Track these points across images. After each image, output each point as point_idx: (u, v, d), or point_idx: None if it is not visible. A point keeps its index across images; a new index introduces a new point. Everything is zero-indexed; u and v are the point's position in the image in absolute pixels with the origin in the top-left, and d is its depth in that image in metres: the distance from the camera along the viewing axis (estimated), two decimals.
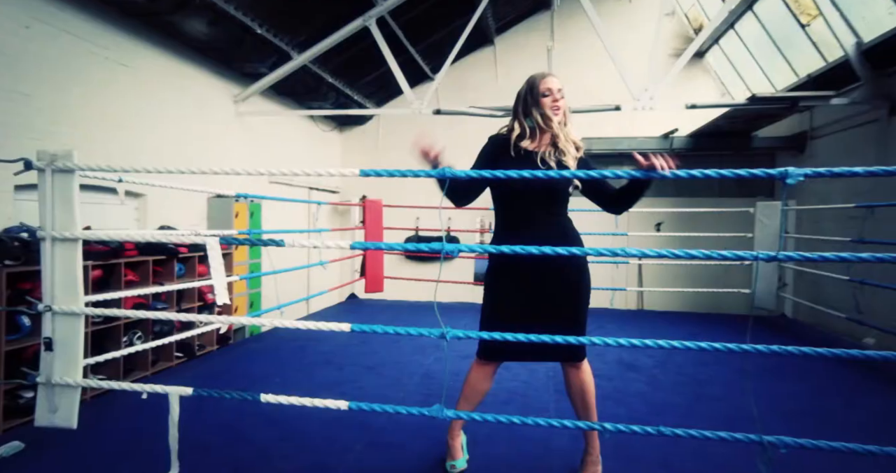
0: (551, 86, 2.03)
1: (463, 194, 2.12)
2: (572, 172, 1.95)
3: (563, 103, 2.04)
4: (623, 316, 6.05)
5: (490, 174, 1.90)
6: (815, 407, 3.10)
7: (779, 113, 5.68)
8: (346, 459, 2.31)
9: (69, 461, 2.24)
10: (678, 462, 2.34)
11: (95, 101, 4.18)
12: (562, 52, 7.89)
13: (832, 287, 5.35)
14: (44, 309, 2.14)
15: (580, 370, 2.14)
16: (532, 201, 2.04)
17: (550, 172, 1.87)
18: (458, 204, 2.16)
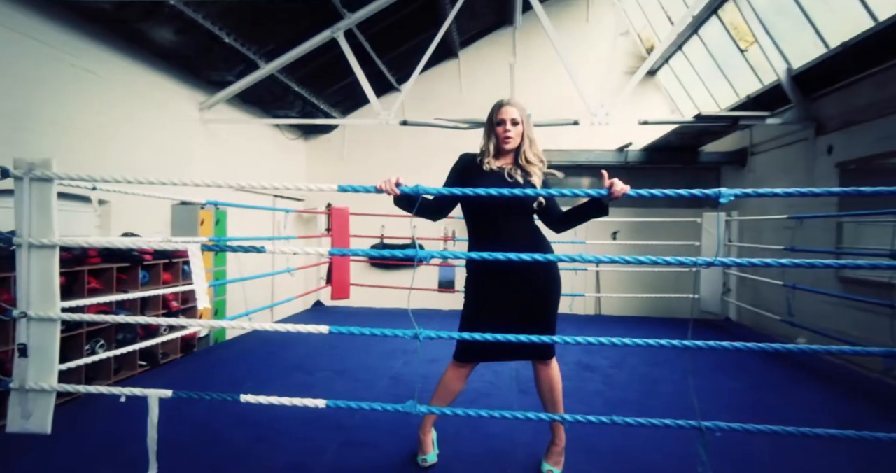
0: (504, 117, 2.22)
1: (435, 210, 2.29)
2: (536, 191, 2.16)
3: (516, 131, 2.22)
4: (582, 321, 6.31)
5: (460, 191, 2.06)
6: (753, 400, 3.39)
7: (722, 130, 6.11)
8: (322, 458, 2.40)
9: (43, 466, 2.25)
10: (632, 451, 2.54)
11: (61, 108, 4.13)
12: (524, 67, 8.20)
13: (769, 291, 5.76)
14: (19, 315, 2.16)
15: (549, 367, 2.31)
16: (502, 214, 2.21)
17: (516, 190, 2.06)
18: (433, 219, 2.33)
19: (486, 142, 2.28)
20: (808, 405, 3.33)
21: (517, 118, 2.24)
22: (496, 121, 2.24)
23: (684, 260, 2.05)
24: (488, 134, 2.28)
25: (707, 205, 7.51)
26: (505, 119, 2.23)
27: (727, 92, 6.94)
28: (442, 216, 2.34)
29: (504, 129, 2.22)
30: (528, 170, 2.25)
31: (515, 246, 2.14)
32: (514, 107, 2.26)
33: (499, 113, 2.24)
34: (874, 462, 2.49)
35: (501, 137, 2.23)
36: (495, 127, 2.24)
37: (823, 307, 5.11)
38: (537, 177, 2.23)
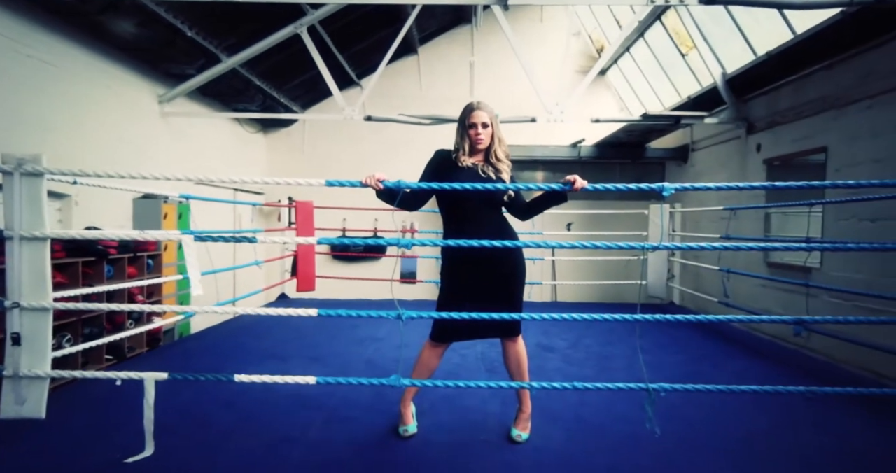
0: (475, 121, 2.46)
1: (412, 203, 2.50)
2: (505, 185, 2.40)
3: (486, 133, 2.46)
4: (539, 307, 6.67)
5: (438, 186, 2.29)
6: (692, 371, 3.79)
7: (666, 128, 6.57)
8: (308, 433, 2.59)
9: (36, 450, 2.33)
10: (588, 416, 2.85)
11: (18, 100, 4.06)
12: (483, 65, 8.46)
13: (708, 276, 6.27)
14: (11, 305, 2.23)
15: (517, 343, 2.57)
16: (475, 207, 2.45)
17: (488, 184, 2.28)
18: (410, 209, 2.55)
19: (461, 142, 2.51)
20: (736, 372, 3.77)
21: (487, 121, 2.48)
22: (468, 125, 2.47)
23: (634, 245, 2.35)
24: (462, 134, 2.51)
25: (654, 198, 8.02)
26: (476, 123, 2.46)
27: (670, 92, 7.42)
28: (419, 206, 2.57)
29: (476, 132, 2.46)
30: (497, 167, 2.50)
31: (487, 235, 2.39)
32: (484, 111, 2.50)
33: (470, 117, 2.48)
34: (779, 413, 2.90)
35: (474, 139, 2.46)
36: (468, 129, 2.47)
37: (755, 289, 5.64)
38: (506, 173, 2.49)
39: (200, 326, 5.72)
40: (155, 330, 5.19)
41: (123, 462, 2.20)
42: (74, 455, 2.29)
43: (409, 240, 2.30)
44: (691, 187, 2.36)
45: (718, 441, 2.56)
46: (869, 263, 3.97)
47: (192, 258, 2.27)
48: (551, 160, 7.75)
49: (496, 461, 2.31)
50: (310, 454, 2.35)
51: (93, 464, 2.19)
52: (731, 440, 2.58)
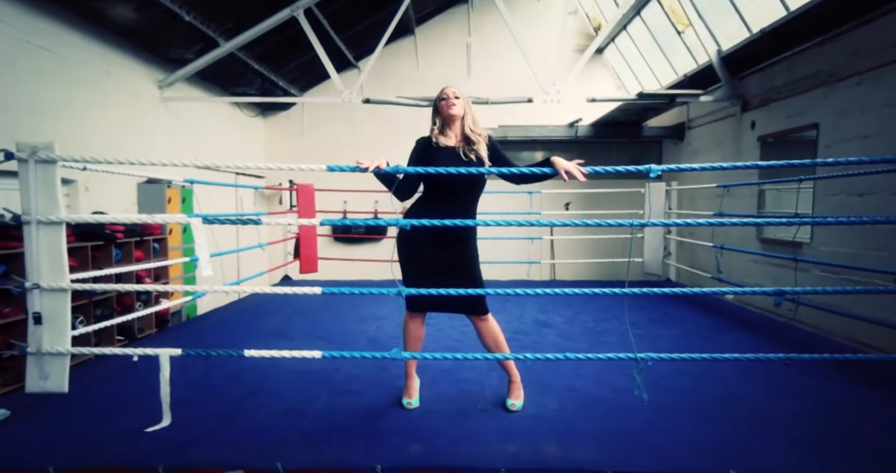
0: (447, 92, 2.59)
1: (405, 191, 2.60)
2: (488, 169, 2.50)
3: (458, 102, 2.57)
4: (537, 285, 6.80)
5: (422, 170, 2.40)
6: (683, 344, 3.93)
7: (662, 107, 6.62)
8: (315, 404, 2.73)
9: (60, 421, 2.48)
10: (581, 387, 2.99)
11: (19, 86, 4.13)
12: (480, 46, 8.46)
13: (703, 253, 6.39)
14: (31, 286, 2.36)
15: (486, 321, 2.70)
16: (452, 188, 2.56)
17: (472, 169, 2.40)
18: (402, 199, 2.65)
19: (434, 122, 2.64)
20: (726, 345, 3.90)
21: (458, 94, 2.60)
22: (440, 98, 2.60)
23: (623, 223, 2.45)
24: (435, 114, 2.65)
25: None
26: (448, 94, 2.59)
27: (667, 70, 7.44)
28: (411, 195, 2.66)
29: (448, 102, 2.57)
30: (473, 141, 2.59)
31: (447, 211, 2.49)
32: (454, 88, 2.62)
33: (441, 92, 2.62)
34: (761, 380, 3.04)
35: (446, 107, 2.56)
36: (439, 102, 2.60)
37: (747, 265, 5.77)
38: (483, 145, 2.59)
39: (207, 307, 5.87)
40: (163, 311, 5.35)
41: (144, 431, 2.35)
42: (97, 425, 2.43)
43: (407, 221, 2.41)
44: (676, 168, 2.45)
45: (702, 408, 2.70)
46: (856, 237, 4.09)
47: (202, 240, 2.38)
48: (549, 140, 7.81)
49: (493, 427, 2.45)
50: (318, 422, 2.50)
51: (115, 433, 2.33)
52: (714, 406, 2.72)
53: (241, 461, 2.12)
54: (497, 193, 7.26)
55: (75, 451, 2.18)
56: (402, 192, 2.61)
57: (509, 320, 4.69)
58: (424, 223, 2.35)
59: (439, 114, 2.62)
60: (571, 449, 2.24)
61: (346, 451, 2.20)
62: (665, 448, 2.25)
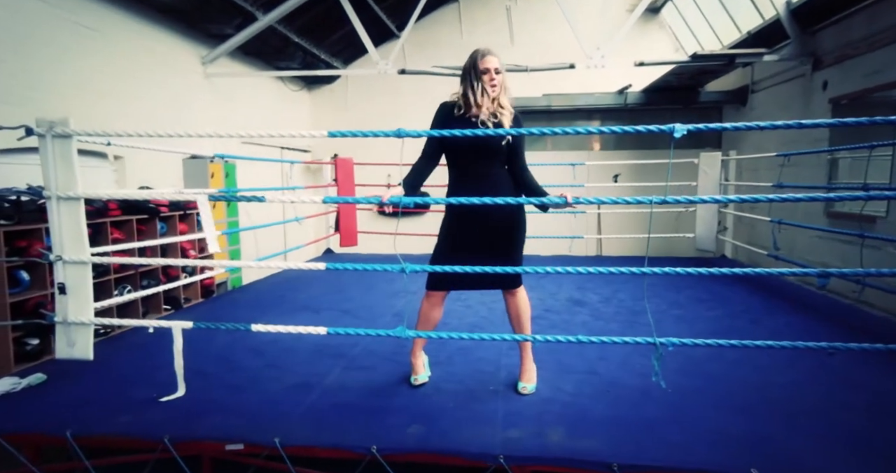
0: (489, 66, 2.37)
1: (426, 164, 2.48)
2: (506, 130, 2.33)
3: (499, 78, 2.38)
4: (579, 261, 6.55)
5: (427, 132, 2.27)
6: (727, 326, 3.66)
7: (720, 69, 6.06)
8: (326, 378, 2.74)
9: (88, 387, 2.62)
10: (603, 370, 2.84)
11: (65, 66, 4.29)
12: (524, 9, 8.06)
13: (763, 228, 5.91)
14: (55, 258, 2.46)
15: (516, 296, 2.57)
16: (471, 157, 2.42)
17: (489, 131, 2.24)
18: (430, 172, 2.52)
19: (467, 91, 2.42)
20: (775, 328, 3.59)
21: (500, 67, 2.39)
22: (481, 70, 2.38)
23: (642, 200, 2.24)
24: (471, 82, 2.41)
25: (708, 146, 7.55)
26: (490, 68, 2.38)
27: (730, 28, 6.80)
28: (435, 164, 2.53)
29: (491, 78, 2.38)
30: (497, 113, 2.42)
31: (485, 187, 2.36)
32: (496, 56, 2.41)
33: (483, 61, 2.39)
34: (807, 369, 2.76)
35: (488, 85, 2.38)
36: (481, 75, 2.38)
37: (813, 241, 5.28)
38: (507, 118, 2.41)
39: (251, 279, 6.06)
40: (208, 281, 5.56)
41: (158, 400, 2.43)
42: (119, 393, 2.54)
43: (411, 199, 2.31)
44: (705, 128, 2.18)
45: (733, 397, 2.49)
46: None
47: (207, 216, 2.39)
48: (596, 108, 7.40)
49: (499, 410, 2.36)
50: (324, 397, 2.50)
51: (133, 402, 2.42)
52: (747, 396, 2.50)
53: (243, 435, 2.15)
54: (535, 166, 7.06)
55: (93, 418, 2.28)
56: (424, 169, 2.49)
57: (542, 297, 4.54)
58: (475, 201, 2.21)
59: (472, 84, 2.39)
60: (578, 438, 2.11)
61: (345, 429, 2.19)
62: (682, 441, 2.08)
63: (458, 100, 2.47)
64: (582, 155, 7.61)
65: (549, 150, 7.93)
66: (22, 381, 2.59)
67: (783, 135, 5.79)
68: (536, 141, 7.96)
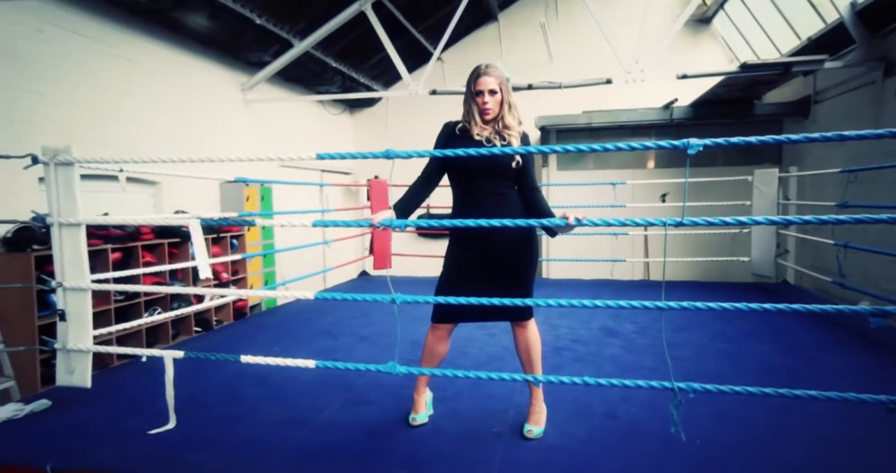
0: (482, 88, 2.21)
1: (424, 186, 2.34)
2: (513, 149, 2.17)
3: (494, 100, 2.21)
4: (623, 287, 6.17)
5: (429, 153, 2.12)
6: (777, 364, 3.24)
7: (776, 79, 5.60)
8: (321, 415, 2.60)
9: (87, 415, 2.60)
10: (624, 413, 2.54)
11: (107, 97, 4.50)
12: (565, 24, 7.89)
13: (829, 252, 5.33)
14: (56, 285, 2.48)
15: (526, 329, 2.35)
16: (476, 178, 2.26)
17: (485, 150, 2.06)
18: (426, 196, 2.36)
19: (467, 111, 2.30)
20: (835, 369, 3.15)
21: (495, 88, 2.23)
22: (474, 92, 2.25)
23: (654, 222, 2.00)
24: (468, 102, 2.29)
25: (767, 162, 7.00)
26: (483, 90, 2.22)
27: (788, 35, 6.32)
28: (432, 187, 2.38)
29: (483, 101, 2.23)
30: (504, 134, 2.26)
31: (489, 209, 2.19)
32: (492, 76, 2.25)
33: (476, 84, 2.24)
34: (869, 424, 2.34)
35: (481, 109, 2.24)
36: (474, 97, 2.25)
37: (890, 267, 4.70)
38: (515, 138, 2.24)
39: (283, 301, 6.09)
40: (241, 303, 5.63)
41: (147, 432, 2.37)
42: (111, 423, 2.49)
43: (401, 222, 2.17)
44: (725, 142, 1.93)
45: (774, 452, 2.14)
46: None
47: (199, 242, 2.34)
48: (639, 125, 7.04)
49: (497, 458, 2.14)
50: (314, 434, 2.36)
51: (122, 433, 2.37)
52: (791, 451, 2.15)
53: (222, 472, 2.03)
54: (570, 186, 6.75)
55: (77, 450, 2.23)
56: (423, 190, 2.34)
57: (574, 326, 4.25)
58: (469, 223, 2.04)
59: (470, 105, 2.27)
60: None
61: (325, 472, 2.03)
62: None
63: (461, 119, 2.34)
64: (626, 173, 7.25)
65: (590, 169, 7.61)
66: (25, 407, 2.61)
67: (851, 148, 5.26)
68: (577, 159, 7.66)
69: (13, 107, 3.74)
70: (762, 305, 1.89)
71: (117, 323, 4.06)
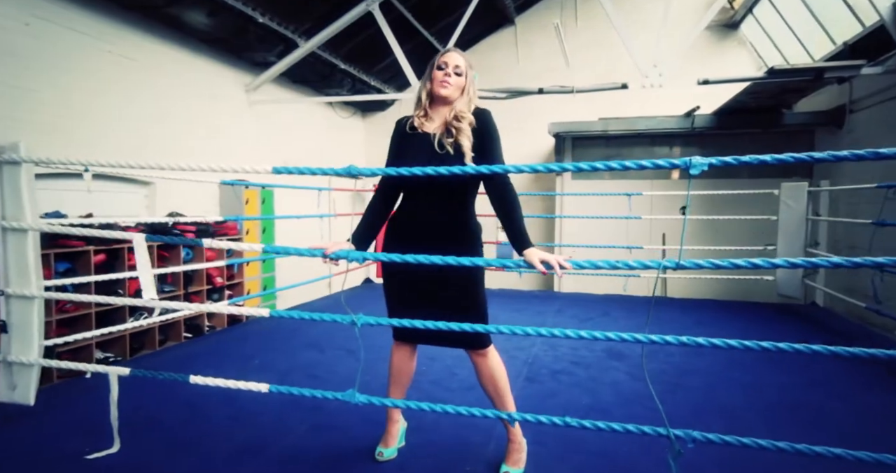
0: (447, 60, 1.95)
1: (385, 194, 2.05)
2: (449, 169, 1.70)
3: (456, 81, 1.94)
4: (636, 303, 5.82)
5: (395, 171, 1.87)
6: (799, 399, 2.89)
7: (806, 86, 5.21)
8: (283, 440, 2.36)
9: (31, 432, 2.41)
10: (617, 450, 2.25)
11: (102, 95, 4.37)
12: (584, 30, 7.61)
13: (864, 274, 4.91)
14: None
15: (486, 357, 2.06)
16: (422, 188, 1.96)
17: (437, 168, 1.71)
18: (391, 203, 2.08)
19: (420, 94, 2.01)
20: (863, 409, 2.78)
21: (462, 68, 1.96)
22: (437, 65, 1.96)
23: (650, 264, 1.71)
24: (424, 83, 2.00)
25: (796, 175, 6.58)
26: (448, 63, 1.95)
27: (823, 40, 5.92)
28: (392, 201, 2.07)
29: (444, 73, 1.93)
30: (456, 129, 1.91)
31: (432, 226, 1.93)
32: (462, 57, 1.99)
33: (441, 57, 1.97)
34: None
35: (438, 82, 1.93)
36: (433, 72, 1.96)
37: None
38: (467, 136, 1.90)
39: (288, 304, 5.92)
40: None
41: (85, 457, 2.16)
42: (55, 443, 2.31)
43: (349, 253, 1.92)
44: (735, 161, 1.66)
45: None
46: None
47: (143, 259, 2.12)
48: (658, 133, 6.68)
49: None
50: (266, 466, 2.12)
51: (58, 457, 2.17)
52: None
53: None
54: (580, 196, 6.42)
55: None
56: (365, 224, 2.02)
57: (576, 346, 3.95)
58: None
59: (428, 83, 1.97)
60: None
61: None
62: None
63: (414, 112, 2.05)
64: (645, 184, 6.89)
65: (606, 179, 7.27)
66: None
67: (890, 161, 4.84)
68: None
69: (1, 103, 3.62)
70: (776, 344, 1.59)
71: (99, 326, 3.92)
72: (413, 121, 2.01)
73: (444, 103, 1.97)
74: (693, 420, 2.55)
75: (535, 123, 7.38)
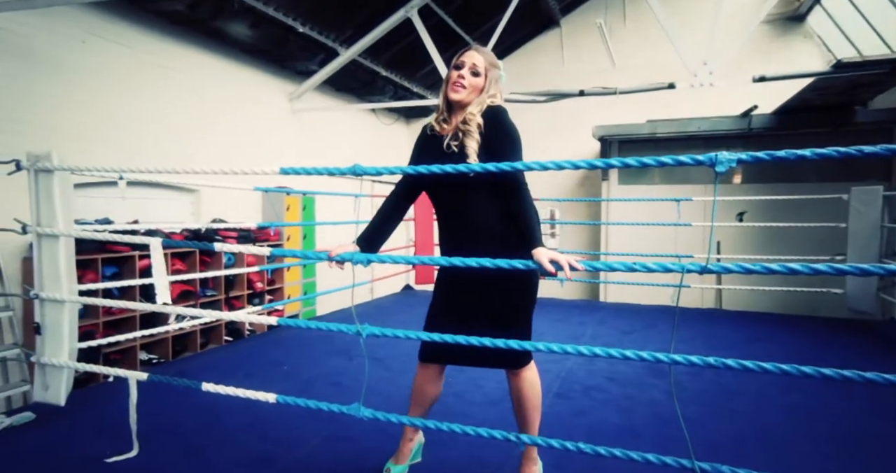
0: (464, 58, 1.85)
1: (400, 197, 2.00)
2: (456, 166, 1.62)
3: (472, 82, 1.82)
4: (685, 315, 5.49)
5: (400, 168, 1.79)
6: (866, 429, 2.58)
7: (879, 80, 4.73)
8: (295, 452, 2.32)
9: (58, 434, 2.49)
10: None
11: (151, 106, 4.56)
12: (632, 31, 7.35)
13: None
14: (33, 296, 2.39)
15: (519, 377, 1.94)
16: (440, 193, 1.88)
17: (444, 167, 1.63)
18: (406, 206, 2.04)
19: (440, 98, 1.92)
20: None
21: (480, 68, 1.84)
22: (454, 65, 1.87)
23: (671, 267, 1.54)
24: (443, 85, 1.91)
25: (870, 177, 6.03)
26: (465, 62, 1.85)
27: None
28: (405, 204, 2.02)
29: (459, 75, 1.83)
30: (465, 131, 1.81)
31: (463, 230, 1.82)
32: (482, 55, 1.88)
33: (460, 55, 1.88)
34: None
35: (451, 84, 1.83)
36: (450, 71, 1.87)
37: None
38: (472, 138, 1.79)
39: (327, 309, 5.98)
40: (276, 313, 5.53)
41: (104, 460, 2.20)
42: (80, 444, 2.36)
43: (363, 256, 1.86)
44: (767, 156, 1.46)
45: None
46: None
47: (158, 263, 2.14)
48: (711, 135, 6.29)
49: None
50: None
51: (83, 458, 2.22)
52: None
53: None
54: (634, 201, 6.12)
55: None
56: (374, 225, 1.96)
57: (614, 361, 3.72)
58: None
59: (443, 91, 1.89)
60: None
61: None
62: None
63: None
64: (698, 189, 6.51)
65: (656, 183, 6.92)
66: (6, 420, 2.54)
67: None
68: (641, 173, 6.98)
69: (55, 116, 3.83)
70: (840, 371, 1.39)
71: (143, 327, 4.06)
72: (432, 125, 1.94)
73: (460, 106, 1.87)
74: (735, 449, 2.32)
75: (580, 127, 7.16)
